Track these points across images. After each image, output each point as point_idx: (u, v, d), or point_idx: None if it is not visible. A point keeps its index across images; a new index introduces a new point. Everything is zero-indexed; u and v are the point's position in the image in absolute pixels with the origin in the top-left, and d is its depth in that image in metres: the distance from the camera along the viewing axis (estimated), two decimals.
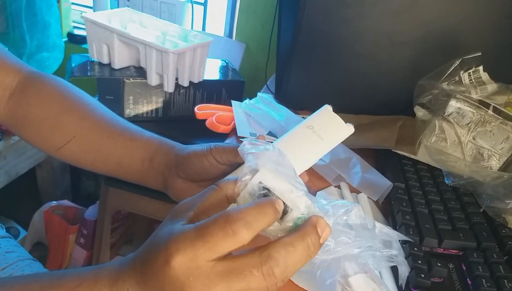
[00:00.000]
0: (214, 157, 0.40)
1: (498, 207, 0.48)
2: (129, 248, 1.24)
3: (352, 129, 0.41)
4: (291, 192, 0.29)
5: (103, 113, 0.48)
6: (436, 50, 0.64)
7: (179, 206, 0.30)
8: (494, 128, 0.54)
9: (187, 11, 1.17)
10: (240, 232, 0.26)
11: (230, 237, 0.25)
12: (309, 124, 0.41)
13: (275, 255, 0.26)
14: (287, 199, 0.29)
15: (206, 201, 0.30)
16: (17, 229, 1.27)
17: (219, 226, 0.26)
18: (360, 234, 0.32)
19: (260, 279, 0.26)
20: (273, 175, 0.30)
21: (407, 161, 0.57)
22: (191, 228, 0.26)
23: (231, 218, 0.26)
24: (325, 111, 0.42)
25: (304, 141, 0.41)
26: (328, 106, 0.42)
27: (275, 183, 0.29)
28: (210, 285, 0.25)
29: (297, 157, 0.40)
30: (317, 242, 0.28)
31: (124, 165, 0.46)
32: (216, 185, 0.30)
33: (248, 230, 0.26)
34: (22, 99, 0.48)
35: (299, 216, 0.29)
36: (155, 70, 0.81)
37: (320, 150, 0.41)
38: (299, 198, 0.29)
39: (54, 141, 0.47)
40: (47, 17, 1.03)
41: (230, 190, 0.30)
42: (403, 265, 0.36)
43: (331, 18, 0.63)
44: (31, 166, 1.14)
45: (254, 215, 0.26)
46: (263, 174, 0.29)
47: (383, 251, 0.34)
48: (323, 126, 0.41)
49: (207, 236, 0.25)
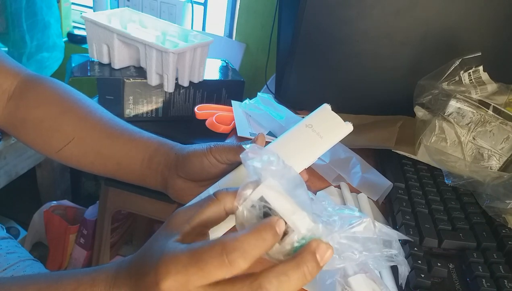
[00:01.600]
0: (214, 156, 0.40)
1: (498, 207, 0.48)
2: (129, 248, 1.24)
3: (351, 127, 0.42)
4: (293, 213, 0.27)
5: (102, 114, 0.48)
6: (436, 50, 0.64)
7: (175, 216, 0.29)
8: (494, 128, 0.54)
9: (187, 11, 1.18)
10: (236, 262, 0.25)
11: (225, 266, 0.25)
12: (308, 123, 0.41)
13: (266, 285, 0.25)
14: (288, 219, 0.27)
15: (203, 213, 0.29)
16: (17, 229, 1.27)
17: (215, 254, 0.25)
18: (367, 247, 0.31)
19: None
20: (275, 192, 0.28)
21: (407, 161, 0.57)
22: (184, 251, 0.26)
23: (228, 247, 0.25)
24: (324, 110, 0.42)
25: (303, 140, 0.41)
26: (327, 105, 0.42)
27: (277, 201, 0.28)
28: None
29: (297, 156, 0.40)
30: (314, 269, 0.26)
31: (124, 166, 0.46)
32: (215, 196, 0.29)
33: (245, 260, 0.25)
34: (21, 102, 0.48)
35: (299, 240, 0.27)
36: (155, 70, 0.81)
37: (320, 149, 0.41)
38: (301, 220, 0.27)
39: (54, 143, 0.47)
40: (47, 17, 1.03)
41: (229, 203, 0.29)
42: (403, 265, 0.36)
43: (331, 18, 0.63)
44: (31, 166, 1.14)
45: (252, 243, 0.25)
46: (264, 190, 0.28)
47: (383, 251, 0.34)
48: (322, 125, 0.41)
49: (202, 263, 0.25)
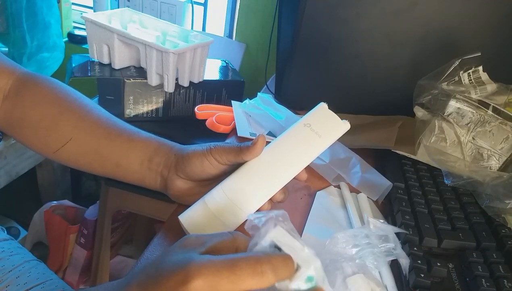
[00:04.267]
0: (214, 157, 0.40)
1: (497, 207, 0.48)
2: (129, 248, 1.24)
3: (348, 126, 0.42)
4: (302, 250, 0.29)
5: (100, 114, 0.48)
6: (436, 50, 0.65)
7: (189, 239, 0.30)
8: (493, 128, 0.54)
9: (187, 12, 1.18)
10: (267, 274, 0.26)
11: (257, 276, 0.26)
12: (306, 122, 0.42)
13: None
14: (298, 257, 0.29)
15: (218, 243, 0.30)
16: (17, 229, 1.28)
17: (250, 263, 0.26)
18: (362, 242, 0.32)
19: None
20: (285, 233, 0.30)
21: (406, 160, 0.57)
22: (219, 257, 0.27)
23: (262, 259, 0.27)
24: (321, 109, 0.42)
25: (302, 139, 0.41)
26: (324, 104, 0.43)
27: (287, 240, 0.29)
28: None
29: (297, 155, 0.41)
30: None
31: (123, 166, 0.45)
32: (231, 234, 0.31)
33: (275, 275, 0.27)
34: (17, 101, 0.47)
35: (309, 276, 0.29)
36: (155, 70, 0.81)
37: (319, 147, 0.41)
38: (310, 257, 0.29)
39: (51, 143, 0.46)
40: (47, 17, 1.03)
41: (242, 245, 0.30)
42: (403, 257, 0.36)
43: (331, 18, 0.63)
44: (32, 166, 1.15)
45: (280, 262, 0.27)
46: (276, 232, 0.30)
47: (380, 246, 0.34)
48: (320, 124, 0.41)
49: (236, 268, 0.26)
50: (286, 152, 0.41)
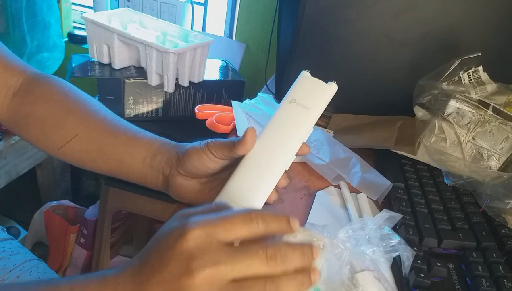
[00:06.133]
0: (211, 151, 0.41)
1: (497, 207, 0.48)
2: (129, 248, 1.24)
3: (335, 87, 0.40)
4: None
5: (106, 113, 0.49)
6: (436, 50, 0.65)
7: (184, 210, 0.32)
8: (493, 128, 0.54)
9: (187, 11, 1.18)
10: (257, 222, 0.30)
11: (248, 224, 0.30)
12: (291, 98, 0.40)
13: (280, 245, 0.30)
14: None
15: (206, 211, 0.32)
16: (17, 229, 1.28)
17: (242, 214, 0.30)
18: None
19: (263, 260, 0.28)
20: None
21: (406, 160, 0.57)
22: (213, 213, 0.30)
23: (253, 212, 0.30)
24: (303, 79, 0.41)
25: (291, 117, 0.39)
26: (305, 72, 0.41)
27: None
28: (215, 260, 0.27)
29: (290, 136, 0.39)
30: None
31: (126, 164, 0.46)
32: (214, 205, 0.34)
33: (264, 223, 0.30)
34: (26, 98, 0.48)
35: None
36: (155, 70, 0.81)
37: (310, 120, 0.39)
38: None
39: (57, 139, 0.47)
40: (47, 17, 1.03)
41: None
42: (406, 251, 0.36)
43: (331, 18, 0.63)
44: (32, 165, 1.14)
45: (271, 217, 0.31)
46: None
47: (382, 243, 0.34)
48: (305, 96, 0.40)
49: (230, 218, 0.29)
50: (279, 136, 0.39)
